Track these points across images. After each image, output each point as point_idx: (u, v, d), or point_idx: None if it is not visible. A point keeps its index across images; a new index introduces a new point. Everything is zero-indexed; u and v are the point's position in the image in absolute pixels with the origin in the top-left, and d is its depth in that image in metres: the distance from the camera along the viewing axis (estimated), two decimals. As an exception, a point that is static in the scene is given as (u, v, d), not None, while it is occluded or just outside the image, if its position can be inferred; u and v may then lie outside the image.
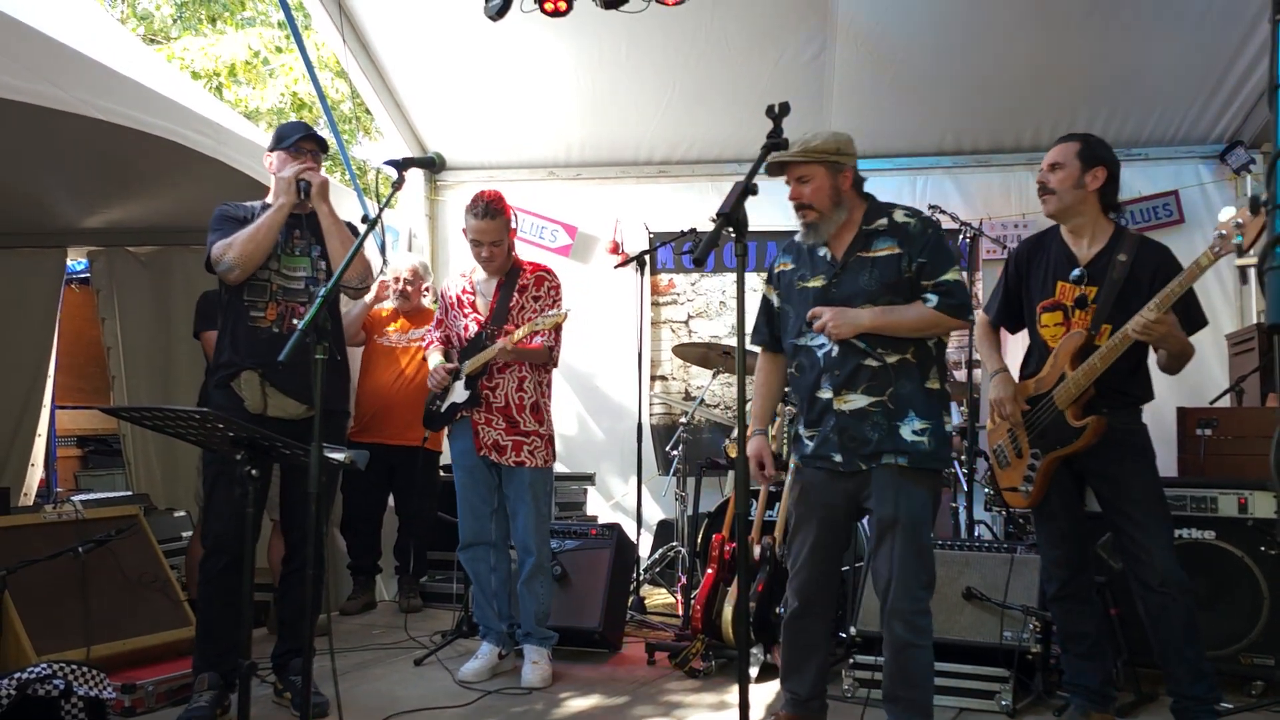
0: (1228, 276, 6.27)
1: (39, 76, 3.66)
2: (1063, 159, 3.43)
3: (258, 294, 3.73)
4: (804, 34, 5.83)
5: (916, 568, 3.06)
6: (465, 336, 4.31)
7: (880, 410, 3.06)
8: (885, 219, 3.17)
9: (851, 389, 3.09)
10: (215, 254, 3.66)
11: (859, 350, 3.08)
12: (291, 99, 12.70)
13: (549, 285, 4.33)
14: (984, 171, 6.60)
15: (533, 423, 4.25)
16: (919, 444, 3.05)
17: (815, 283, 3.21)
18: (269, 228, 3.66)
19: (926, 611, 3.10)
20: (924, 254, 3.09)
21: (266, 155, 3.84)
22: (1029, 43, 5.72)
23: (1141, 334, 3.14)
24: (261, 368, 3.67)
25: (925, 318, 3.06)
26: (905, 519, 3.03)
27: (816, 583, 3.26)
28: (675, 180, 6.88)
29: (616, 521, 5.36)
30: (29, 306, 6.55)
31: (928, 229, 3.14)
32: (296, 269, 3.79)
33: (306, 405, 3.69)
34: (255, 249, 3.64)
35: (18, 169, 5.24)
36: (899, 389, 3.06)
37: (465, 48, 6.04)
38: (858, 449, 3.09)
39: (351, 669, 4.35)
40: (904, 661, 3.09)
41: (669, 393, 6.86)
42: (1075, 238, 3.47)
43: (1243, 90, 5.91)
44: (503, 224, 4.19)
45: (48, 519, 4.13)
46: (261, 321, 3.72)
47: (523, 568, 4.25)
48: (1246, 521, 3.89)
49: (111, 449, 7.83)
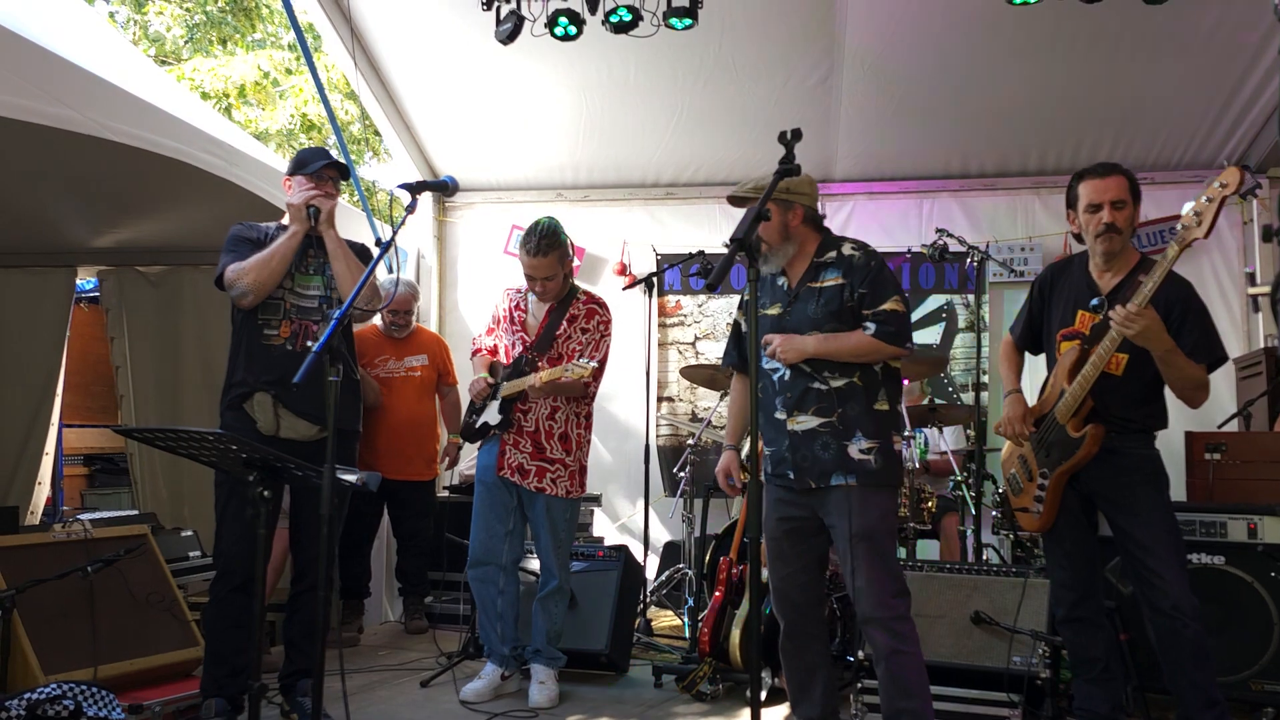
0: (1234, 301, 6.29)
1: (53, 98, 3.69)
2: (1124, 195, 3.35)
3: (271, 312, 3.76)
4: (811, 58, 5.86)
5: (884, 576, 3.18)
6: (511, 354, 4.34)
7: (829, 431, 3.23)
8: (835, 251, 3.35)
9: (803, 410, 3.27)
10: (229, 278, 3.69)
11: (807, 374, 3.27)
12: (301, 120, 12.78)
13: (599, 320, 4.32)
14: (991, 195, 6.62)
15: (560, 451, 4.26)
16: (865, 463, 3.19)
17: (773, 310, 3.41)
18: (283, 255, 3.69)
19: (906, 618, 3.20)
20: (864, 284, 3.25)
21: (286, 179, 3.87)
22: (1036, 67, 5.75)
23: (1122, 325, 3.13)
24: (274, 388, 3.69)
25: (863, 344, 3.22)
26: (861, 532, 3.16)
27: (794, 597, 3.38)
28: (682, 202, 6.90)
29: (623, 543, 5.36)
30: (38, 325, 6.56)
31: (870, 261, 3.30)
32: (310, 287, 3.82)
33: (319, 426, 3.71)
34: (269, 276, 3.68)
35: (30, 189, 5.27)
36: (847, 410, 3.23)
37: (475, 70, 6.08)
38: (810, 468, 3.25)
39: (358, 690, 4.33)
40: (894, 669, 3.16)
41: (676, 414, 6.87)
42: (1104, 272, 3.45)
43: (1248, 115, 5.93)
44: (556, 259, 4.19)
45: (56, 538, 4.13)
46: (275, 339, 3.74)
47: (543, 587, 4.27)
48: (1256, 547, 3.88)
49: (118, 468, 7.85)
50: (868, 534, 3.17)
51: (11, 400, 6.54)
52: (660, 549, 6.34)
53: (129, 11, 13.60)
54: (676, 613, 5.78)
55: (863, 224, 6.76)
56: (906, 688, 3.16)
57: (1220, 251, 6.28)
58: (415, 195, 3.16)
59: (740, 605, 4.34)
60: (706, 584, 4.73)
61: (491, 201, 7.13)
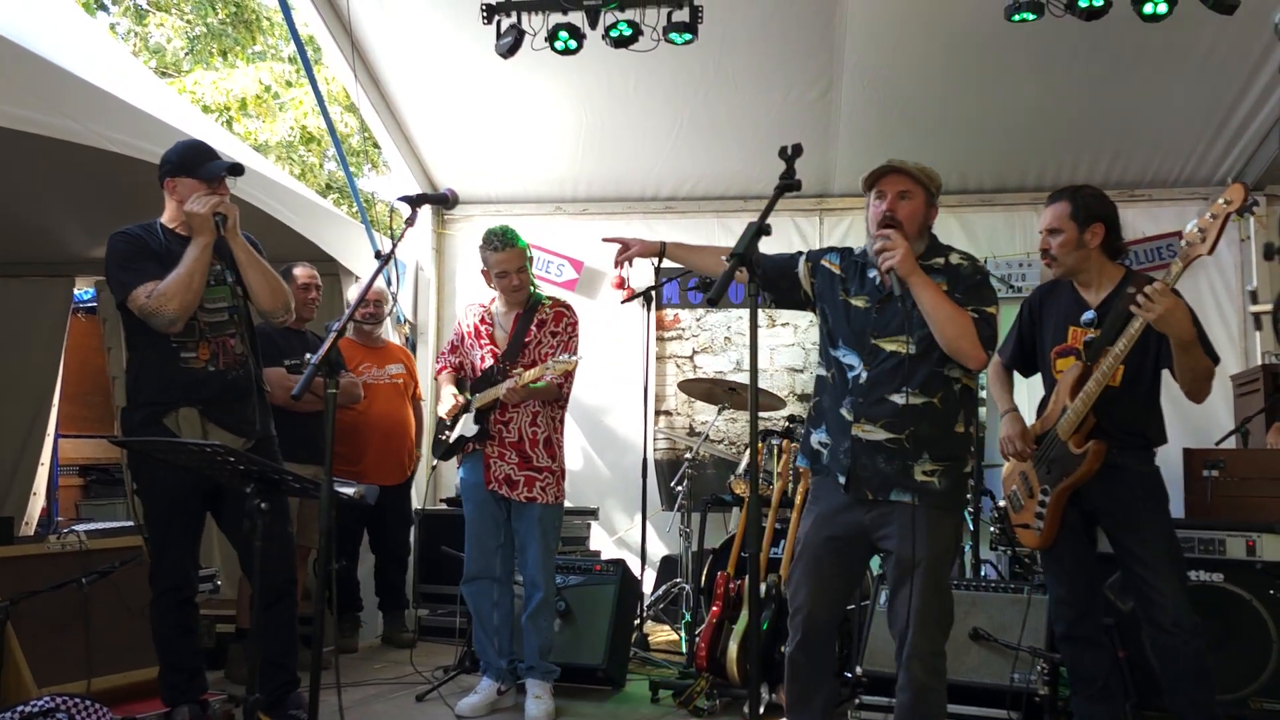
0: (1232, 318, 6.30)
1: (53, 109, 3.70)
2: (1058, 223, 3.43)
3: (186, 334, 3.56)
4: (811, 72, 5.88)
5: (937, 610, 3.01)
6: (480, 367, 4.31)
7: (896, 446, 3.02)
8: (942, 258, 3.15)
9: (872, 421, 3.05)
10: (150, 306, 3.46)
11: (886, 382, 3.04)
12: (300, 132, 12.81)
13: (567, 322, 4.33)
14: (989, 211, 6.64)
15: (545, 458, 4.25)
16: (929, 484, 3.01)
17: (858, 302, 3.18)
18: (201, 273, 3.50)
19: (943, 654, 3.06)
20: (965, 292, 3.06)
21: (170, 180, 3.62)
22: (1034, 84, 5.77)
23: (1145, 307, 3.07)
24: (202, 405, 3.56)
25: (959, 317, 2.98)
26: (923, 560, 2.96)
27: (819, 615, 3.16)
28: (681, 216, 6.91)
29: (621, 557, 5.34)
30: (36, 335, 6.56)
31: (976, 274, 3.13)
32: (217, 300, 3.65)
33: (244, 438, 3.62)
34: (194, 297, 3.49)
35: (29, 199, 5.28)
36: (919, 429, 3.02)
37: (475, 83, 6.10)
38: (869, 477, 3.04)
39: (353, 704, 4.30)
40: (920, 705, 3.02)
41: (674, 428, 6.86)
42: (1085, 289, 3.49)
43: (1246, 132, 5.95)
44: (521, 251, 4.24)
45: (51, 549, 4.11)
46: (195, 362, 3.57)
47: (529, 602, 4.23)
48: (1255, 564, 3.88)
49: (114, 479, 7.81)
50: (929, 563, 2.97)
51: (8, 410, 6.53)
52: (657, 563, 6.32)
53: (130, 23, 13.62)
54: (674, 627, 5.76)
55: (861, 238, 6.72)
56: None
57: (1218, 268, 6.29)
58: (415, 208, 3.16)
59: (738, 620, 4.32)
60: (704, 599, 4.72)
61: (490, 214, 7.12)
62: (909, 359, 3.02)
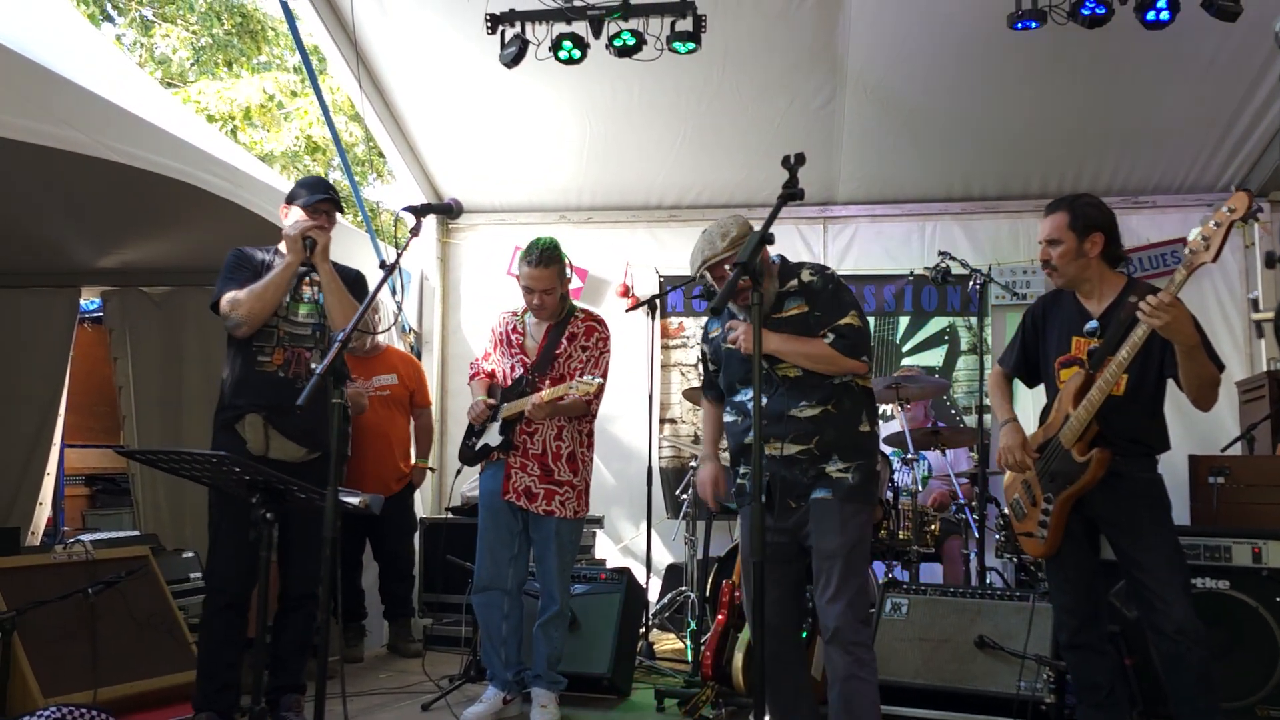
0: (1236, 324, 6.29)
1: (58, 120, 3.71)
2: (1057, 234, 3.44)
3: (265, 339, 3.83)
4: (814, 81, 5.90)
5: (854, 597, 3.19)
6: (510, 376, 4.32)
7: (807, 456, 3.29)
8: (795, 279, 3.40)
9: (781, 439, 3.30)
10: (224, 308, 3.77)
11: (783, 402, 3.31)
12: (306, 142, 12.84)
13: (599, 337, 4.31)
14: (993, 218, 6.64)
15: (567, 472, 4.24)
16: (843, 480, 3.25)
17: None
18: (276, 286, 3.77)
19: (868, 645, 3.22)
20: (821, 306, 3.33)
21: (284, 207, 3.95)
22: (1038, 91, 5.78)
23: (1151, 315, 3.05)
24: (265, 411, 3.75)
25: (822, 351, 3.28)
26: (837, 549, 3.19)
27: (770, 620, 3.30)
28: (685, 225, 6.91)
29: (626, 565, 5.34)
30: (42, 345, 6.57)
31: (827, 285, 3.37)
32: (304, 316, 3.90)
33: (306, 449, 3.79)
34: (263, 307, 3.77)
35: (35, 210, 5.29)
36: (825, 436, 3.28)
37: (479, 93, 6.12)
38: (787, 491, 3.30)
39: (359, 713, 4.31)
40: (848, 693, 3.16)
41: (679, 436, 6.86)
42: (1087, 299, 3.49)
43: (1250, 138, 5.96)
44: (556, 272, 4.19)
45: (57, 559, 4.12)
46: (268, 366, 3.81)
47: (543, 612, 4.23)
48: (1261, 571, 3.87)
49: (120, 488, 7.83)
50: (843, 551, 3.19)
51: (14, 420, 6.54)
52: (663, 571, 6.32)
53: (135, 34, 13.68)
54: (679, 636, 5.75)
55: (865, 246, 6.78)
56: (858, 716, 3.15)
57: (1222, 275, 6.28)
58: (419, 218, 3.18)
59: (743, 629, 4.32)
60: (709, 607, 4.71)
61: (495, 223, 7.16)
62: (804, 376, 3.31)
